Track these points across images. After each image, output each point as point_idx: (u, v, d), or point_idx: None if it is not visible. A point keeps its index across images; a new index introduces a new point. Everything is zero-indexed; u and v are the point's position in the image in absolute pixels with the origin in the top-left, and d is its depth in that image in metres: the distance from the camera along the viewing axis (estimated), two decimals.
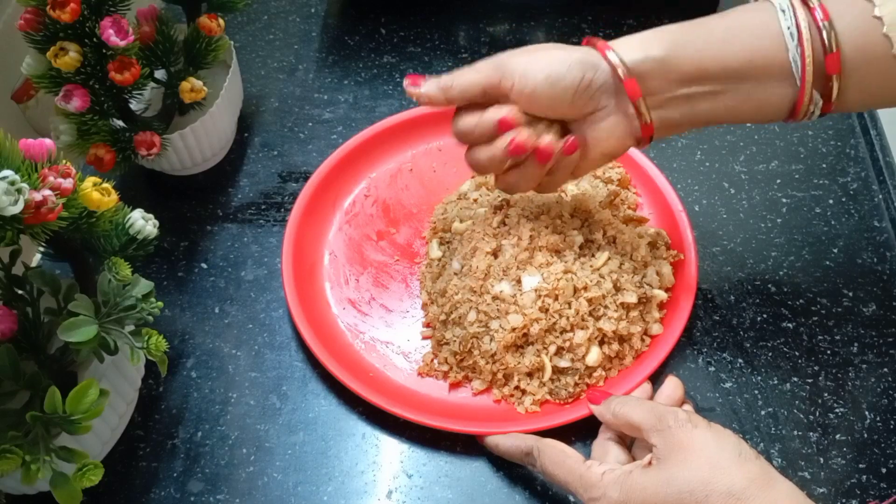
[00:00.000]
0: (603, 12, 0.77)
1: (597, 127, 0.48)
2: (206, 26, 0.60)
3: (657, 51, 0.46)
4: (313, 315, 0.57)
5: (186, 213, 0.65)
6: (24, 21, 0.52)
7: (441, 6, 0.79)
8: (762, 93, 0.46)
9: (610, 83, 0.46)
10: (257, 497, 0.51)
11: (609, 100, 0.47)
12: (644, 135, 0.48)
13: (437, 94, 0.49)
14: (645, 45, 0.46)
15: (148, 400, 0.55)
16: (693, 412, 0.44)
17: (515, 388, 0.53)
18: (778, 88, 0.45)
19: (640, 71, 0.46)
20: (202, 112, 0.62)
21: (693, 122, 0.48)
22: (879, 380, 0.54)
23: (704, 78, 0.46)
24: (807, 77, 0.44)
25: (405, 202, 0.64)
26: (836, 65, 0.44)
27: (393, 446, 0.52)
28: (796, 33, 0.44)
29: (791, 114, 0.47)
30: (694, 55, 0.45)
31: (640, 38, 0.47)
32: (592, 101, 0.47)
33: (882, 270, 0.59)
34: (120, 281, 0.46)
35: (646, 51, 0.46)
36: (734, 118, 0.48)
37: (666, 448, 0.42)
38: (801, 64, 0.44)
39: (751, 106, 0.47)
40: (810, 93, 0.45)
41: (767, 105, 0.46)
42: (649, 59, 0.46)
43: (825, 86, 0.45)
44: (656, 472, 0.41)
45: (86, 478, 0.42)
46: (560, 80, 0.46)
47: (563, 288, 0.52)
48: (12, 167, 0.39)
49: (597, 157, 0.50)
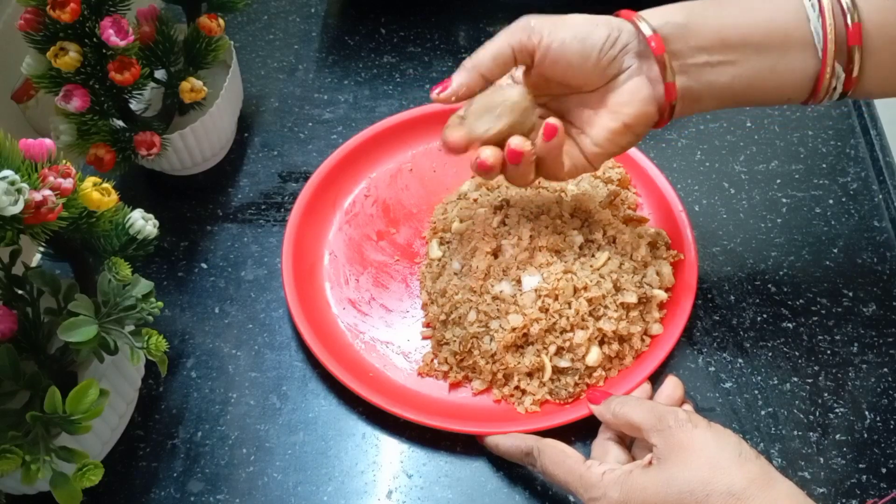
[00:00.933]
0: (603, 12, 0.77)
1: (619, 91, 0.48)
2: (206, 26, 0.60)
3: (678, 17, 0.46)
4: (313, 315, 0.57)
5: (186, 213, 0.65)
6: (24, 21, 0.52)
7: (441, 6, 0.79)
8: (783, 65, 0.46)
9: (634, 44, 0.47)
10: (257, 497, 0.51)
11: (633, 60, 0.47)
12: (667, 98, 0.47)
13: (471, 75, 0.48)
14: (667, 12, 0.47)
15: (148, 400, 0.55)
16: (693, 412, 0.44)
17: (515, 388, 0.53)
18: (799, 60, 0.46)
19: (663, 32, 0.46)
20: (202, 112, 0.62)
21: (714, 95, 0.48)
22: (879, 380, 0.54)
23: (725, 46, 0.46)
24: (828, 47, 0.44)
25: (405, 202, 0.64)
26: (858, 36, 0.44)
27: (393, 446, 0.52)
28: (817, 4, 0.44)
29: (813, 92, 0.47)
30: (714, 22, 0.46)
31: (662, 8, 0.47)
32: (616, 62, 0.47)
33: (882, 270, 0.59)
34: (120, 281, 0.46)
35: (667, 17, 0.46)
36: (755, 94, 0.48)
37: (666, 448, 0.42)
38: (823, 34, 0.44)
39: (772, 80, 0.46)
40: (832, 65, 0.45)
41: (790, 78, 0.46)
42: (670, 23, 0.46)
43: (847, 60, 0.45)
44: (656, 472, 0.41)
45: (86, 478, 0.42)
46: (587, 37, 0.46)
47: (563, 288, 0.52)
48: (12, 167, 0.39)
49: (618, 127, 0.48)
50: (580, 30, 0.47)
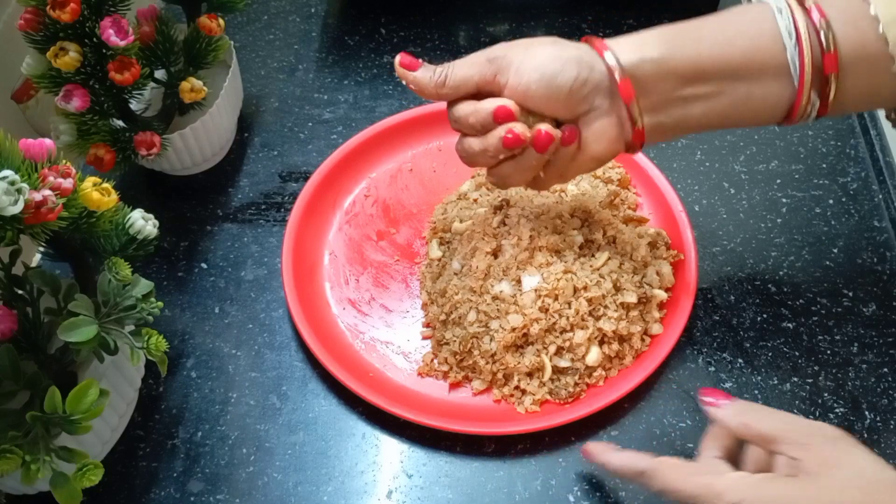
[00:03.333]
0: (603, 12, 0.77)
1: (588, 128, 0.47)
2: (206, 26, 0.60)
3: (654, 52, 0.45)
4: (313, 315, 0.57)
5: (186, 213, 0.65)
6: (24, 21, 0.52)
7: (441, 6, 0.79)
8: (759, 93, 0.45)
9: (605, 83, 0.46)
10: (257, 497, 0.51)
11: (603, 100, 0.46)
12: (635, 140, 0.47)
13: (429, 87, 0.48)
14: (642, 46, 0.46)
15: (148, 400, 0.55)
16: (844, 432, 0.40)
17: (515, 388, 0.53)
18: (775, 89, 0.45)
19: (636, 73, 0.45)
20: (202, 112, 0.62)
21: (686, 127, 0.47)
22: (879, 380, 0.54)
23: (702, 78, 0.45)
24: (805, 76, 0.44)
25: (405, 202, 0.64)
26: (835, 64, 0.43)
27: (393, 446, 0.52)
28: (794, 32, 0.44)
29: (787, 116, 0.46)
30: (692, 55, 0.45)
31: (636, 38, 0.46)
32: (586, 101, 0.46)
33: (882, 270, 0.59)
34: (120, 281, 0.46)
35: (643, 52, 0.45)
36: (728, 122, 0.47)
37: (814, 463, 0.38)
38: (800, 63, 0.44)
39: (747, 108, 0.46)
40: (808, 93, 0.45)
41: (764, 106, 0.46)
42: (646, 59, 0.45)
43: (823, 86, 0.44)
44: (804, 484, 0.38)
45: (86, 478, 0.42)
46: (554, 78, 0.45)
47: (563, 288, 0.52)
48: (12, 167, 0.39)
49: (587, 159, 0.48)
50: (546, 70, 0.45)
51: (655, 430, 0.52)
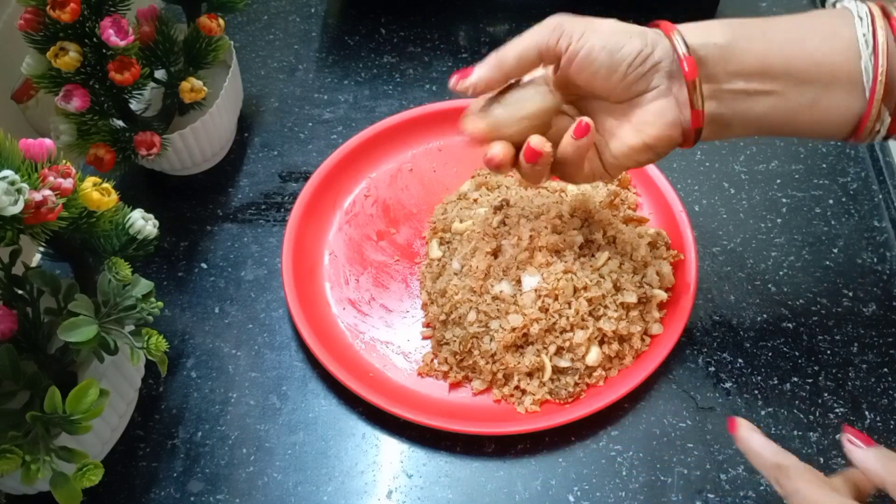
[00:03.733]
0: (603, 12, 0.76)
1: (644, 109, 0.45)
2: (206, 26, 0.60)
3: (721, 37, 0.43)
4: (313, 315, 0.57)
5: (186, 213, 0.65)
6: (24, 21, 0.52)
7: (441, 6, 0.79)
8: (826, 101, 0.43)
9: (666, 63, 0.44)
10: (257, 497, 0.51)
11: (662, 80, 0.44)
12: (693, 125, 0.45)
13: (494, 71, 0.46)
14: (709, 31, 0.44)
15: (148, 400, 0.55)
16: None
17: (515, 387, 0.53)
18: (844, 99, 0.42)
19: (700, 54, 0.43)
20: (202, 112, 0.62)
21: (746, 124, 0.45)
22: (879, 380, 0.54)
23: (766, 74, 0.43)
24: (877, 88, 0.41)
25: (405, 202, 0.64)
26: None
27: (393, 446, 0.52)
28: (871, 41, 0.41)
29: (854, 131, 0.44)
30: (759, 48, 0.43)
31: (704, 24, 0.44)
32: (645, 79, 0.44)
33: (882, 270, 0.59)
34: (120, 281, 0.46)
35: (708, 36, 0.44)
36: (792, 126, 0.45)
37: None
38: (874, 74, 0.41)
39: (811, 115, 0.43)
40: (878, 107, 0.42)
41: (830, 116, 0.43)
42: (711, 44, 0.43)
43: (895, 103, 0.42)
44: None
45: (86, 478, 0.42)
46: (618, 49, 0.43)
47: (563, 288, 0.52)
48: (12, 167, 0.39)
49: (638, 145, 0.46)
50: (611, 40, 0.44)
51: (655, 430, 0.52)
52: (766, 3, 0.77)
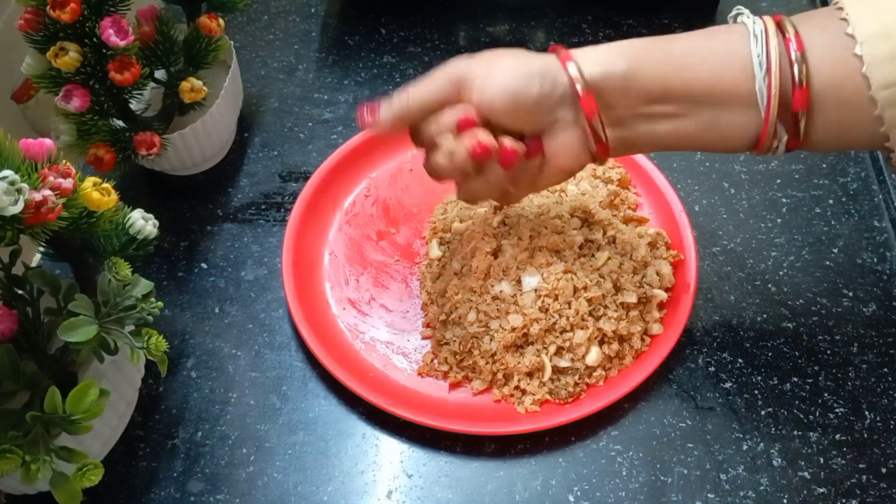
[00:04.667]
0: (603, 12, 0.77)
1: (553, 141, 0.46)
2: (206, 26, 0.60)
3: (620, 66, 0.44)
4: (313, 315, 0.57)
5: (186, 213, 0.65)
6: (24, 21, 0.52)
7: (441, 6, 0.79)
8: (725, 120, 0.44)
9: (569, 96, 0.45)
10: (257, 497, 0.51)
11: (567, 112, 0.45)
12: (599, 153, 0.46)
13: (399, 118, 0.48)
14: (608, 59, 0.44)
15: (148, 400, 0.55)
16: None
17: (515, 387, 0.53)
18: (741, 118, 0.43)
19: (600, 86, 0.44)
20: (202, 112, 0.62)
21: (653, 143, 0.46)
22: (879, 380, 0.54)
23: (667, 98, 0.44)
24: (771, 109, 0.42)
25: (405, 202, 0.64)
26: (804, 101, 0.41)
27: (393, 446, 0.52)
28: (765, 62, 0.41)
29: (755, 146, 0.45)
30: (658, 73, 0.44)
31: (604, 50, 0.45)
32: (551, 114, 0.45)
33: (882, 270, 0.59)
34: (120, 281, 0.46)
35: (609, 65, 0.44)
36: (695, 145, 0.46)
37: None
38: (767, 95, 0.42)
39: (713, 133, 0.45)
40: (774, 126, 0.42)
41: (729, 134, 0.44)
42: (611, 73, 0.44)
43: (792, 121, 0.42)
44: None
45: (86, 478, 0.42)
46: (518, 93, 0.44)
47: (563, 288, 0.52)
48: (12, 167, 0.39)
49: (554, 171, 0.48)
50: (510, 86, 0.44)
51: (655, 430, 0.52)
52: (765, 3, 0.77)
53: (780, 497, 0.49)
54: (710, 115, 0.44)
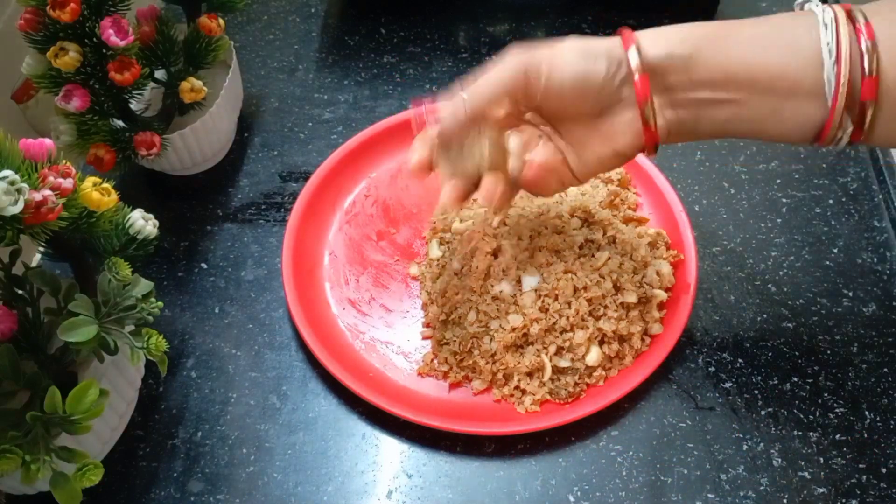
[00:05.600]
0: (603, 12, 0.77)
1: (614, 119, 0.45)
2: (206, 26, 0.60)
3: (684, 48, 0.43)
4: (313, 315, 0.57)
5: (186, 213, 0.65)
6: (24, 21, 0.52)
7: (441, 6, 0.79)
8: (789, 109, 0.43)
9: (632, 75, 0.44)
10: (257, 497, 0.51)
11: (630, 91, 0.44)
12: (647, 141, 0.46)
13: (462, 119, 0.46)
14: (672, 41, 0.44)
15: (148, 400, 0.55)
16: None
17: (515, 387, 0.53)
18: (806, 108, 0.42)
19: (661, 67, 0.44)
20: (202, 112, 0.62)
21: (712, 130, 0.46)
22: (879, 380, 0.54)
23: (729, 84, 0.43)
24: (839, 99, 0.41)
25: (405, 202, 0.64)
26: (873, 90, 0.40)
27: (393, 446, 0.52)
28: (835, 50, 0.40)
29: (817, 137, 0.44)
30: (722, 58, 0.43)
31: (669, 31, 0.44)
32: (614, 95, 0.44)
33: (882, 270, 0.59)
34: (120, 281, 0.46)
35: (671, 47, 0.44)
36: (756, 133, 0.45)
37: None
38: (836, 84, 0.41)
39: (774, 121, 0.44)
40: (840, 116, 0.41)
41: (792, 123, 0.43)
42: (673, 55, 0.43)
43: (858, 112, 0.41)
44: None
45: (86, 478, 0.42)
46: (587, 75, 0.44)
47: (562, 288, 0.52)
48: (12, 167, 0.39)
49: (608, 154, 0.47)
50: (579, 69, 0.44)
51: (655, 430, 0.52)
52: (766, 2, 0.77)
53: (780, 497, 0.49)
54: (774, 103, 0.43)
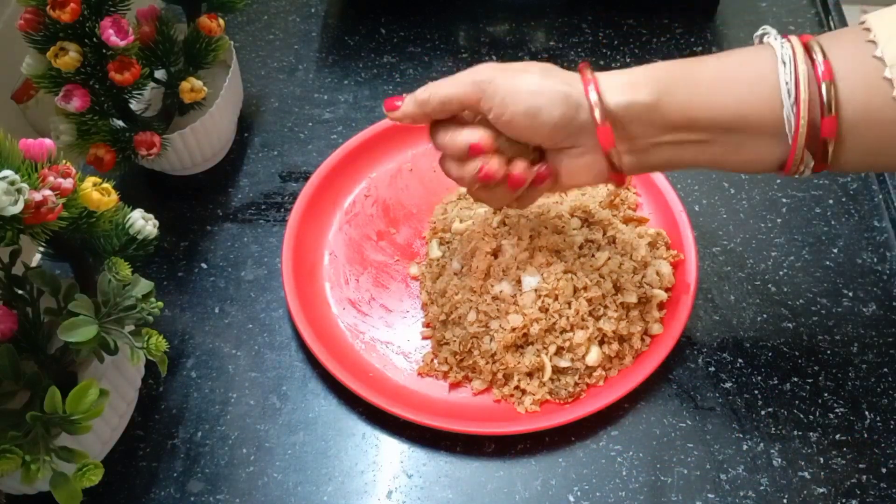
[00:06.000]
0: (603, 12, 0.77)
1: (573, 161, 0.46)
2: (206, 26, 0.60)
3: (645, 95, 0.43)
4: (313, 315, 0.57)
5: (186, 213, 0.65)
6: (24, 21, 0.52)
7: (441, 6, 0.79)
8: (751, 147, 0.43)
9: (590, 124, 0.44)
10: (257, 497, 0.51)
11: (588, 139, 0.45)
12: (616, 182, 0.46)
13: (416, 110, 0.47)
14: (633, 88, 0.44)
15: (148, 400, 0.55)
16: None
17: (515, 387, 0.53)
18: (768, 145, 0.43)
19: (623, 115, 0.44)
20: (202, 112, 0.62)
21: (675, 166, 0.47)
22: (879, 380, 0.54)
23: (692, 127, 0.43)
24: (799, 139, 0.41)
25: (405, 202, 0.64)
26: (833, 129, 0.41)
27: (393, 446, 0.52)
28: (794, 90, 0.41)
29: (781, 169, 0.44)
30: (683, 102, 0.43)
31: (629, 77, 0.44)
32: (570, 138, 0.45)
33: (882, 270, 0.59)
34: (120, 281, 0.46)
35: (633, 94, 0.43)
36: (719, 166, 0.46)
37: None
38: (795, 125, 0.41)
39: (738, 158, 0.44)
40: (801, 153, 0.42)
41: (755, 160, 0.44)
42: (636, 103, 0.43)
43: (820, 148, 0.42)
44: None
45: (86, 478, 0.42)
46: (539, 114, 0.44)
47: (562, 288, 0.52)
48: (12, 167, 0.39)
49: (567, 187, 0.48)
50: (532, 105, 0.44)
51: (655, 430, 0.52)
52: (766, 2, 0.77)
53: (780, 497, 0.49)
54: (736, 141, 0.43)
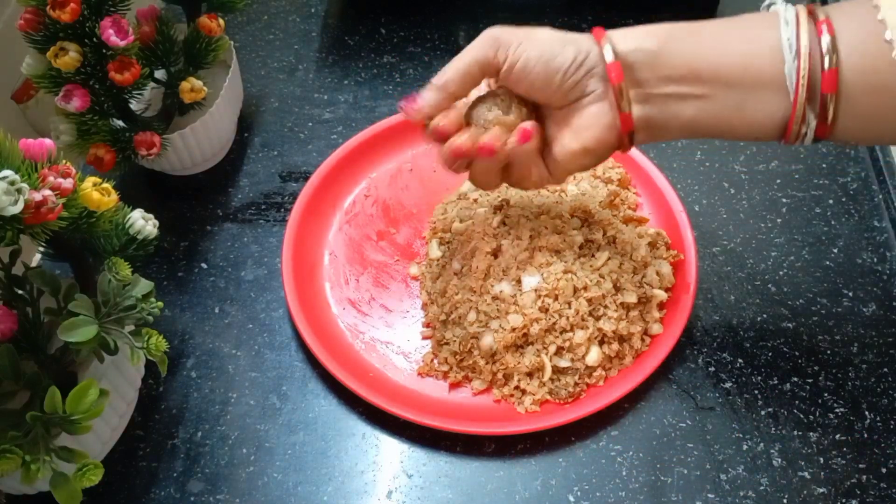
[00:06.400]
0: (603, 12, 0.77)
1: (582, 113, 0.47)
2: (206, 26, 0.60)
3: (650, 44, 0.45)
4: (313, 315, 0.57)
5: (186, 213, 0.65)
6: (24, 21, 0.52)
7: (441, 6, 0.79)
8: (752, 104, 0.44)
9: (600, 69, 0.46)
10: (257, 497, 0.51)
11: (597, 84, 0.46)
12: (623, 128, 0.46)
13: (440, 95, 0.48)
14: (640, 37, 0.46)
15: (148, 400, 0.55)
16: None
17: (515, 387, 0.53)
18: (770, 101, 0.43)
19: (629, 60, 0.45)
20: (202, 112, 0.62)
21: (677, 126, 0.46)
22: (879, 380, 0.54)
23: (694, 79, 0.44)
24: (800, 91, 0.42)
25: (405, 202, 0.64)
26: (833, 83, 0.41)
27: (393, 446, 0.52)
28: (795, 45, 0.42)
29: (783, 133, 0.45)
30: (687, 53, 0.45)
31: (638, 30, 0.46)
32: (580, 85, 0.46)
33: (882, 270, 0.59)
34: (120, 281, 0.46)
35: (639, 42, 0.45)
36: (722, 128, 0.46)
37: None
38: (796, 77, 0.42)
39: (739, 118, 0.45)
40: (802, 110, 0.43)
41: (757, 118, 0.44)
42: (641, 49, 0.45)
43: (820, 105, 0.42)
44: None
45: (86, 478, 0.42)
46: (553, 58, 0.45)
47: (562, 288, 0.52)
48: (12, 167, 0.39)
49: (577, 149, 0.47)
50: (546, 49, 0.46)
51: (655, 430, 0.52)
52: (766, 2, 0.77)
53: (780, 497, 0.49)
54: (738, 97, 0.44)
